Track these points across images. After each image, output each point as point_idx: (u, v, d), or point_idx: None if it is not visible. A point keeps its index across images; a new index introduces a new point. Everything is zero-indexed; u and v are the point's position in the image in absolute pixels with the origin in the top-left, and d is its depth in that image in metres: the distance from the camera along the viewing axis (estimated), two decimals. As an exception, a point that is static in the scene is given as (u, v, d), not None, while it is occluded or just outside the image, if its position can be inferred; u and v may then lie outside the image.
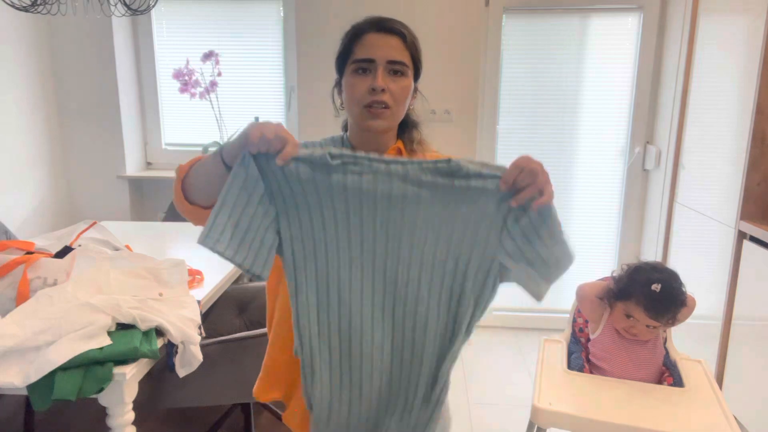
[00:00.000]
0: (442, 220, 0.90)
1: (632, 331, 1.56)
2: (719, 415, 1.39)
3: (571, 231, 3.27)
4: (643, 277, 1.54)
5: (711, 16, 2.56)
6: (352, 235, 0.92)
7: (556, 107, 3.13)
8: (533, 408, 1.42)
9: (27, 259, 1.55)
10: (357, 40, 1.10)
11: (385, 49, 1.08)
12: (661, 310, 1.51)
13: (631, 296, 1.54)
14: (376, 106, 1.07)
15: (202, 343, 1.57)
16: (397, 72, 1.09)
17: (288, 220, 0.92)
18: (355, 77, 1.09)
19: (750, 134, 2.19)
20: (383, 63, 1.08)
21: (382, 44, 1.08)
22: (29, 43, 3.00)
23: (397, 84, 1.09)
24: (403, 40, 1.10)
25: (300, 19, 2.91)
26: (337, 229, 0.92)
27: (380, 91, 1.06)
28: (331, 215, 0.91)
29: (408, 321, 0.95)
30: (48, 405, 1.26)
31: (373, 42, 1.09)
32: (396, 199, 0.89)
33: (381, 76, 1.07)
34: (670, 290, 1.51)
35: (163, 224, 2.73)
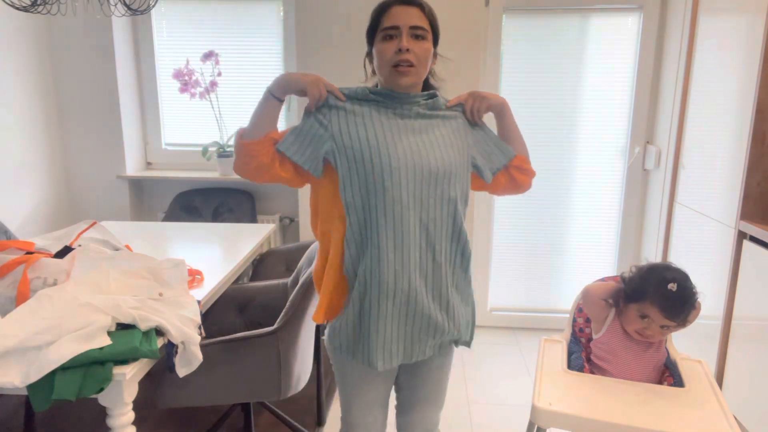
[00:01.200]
0: (436, 136, 1.36)
1: (646, 332, 1.55)
2: (719, 415, 1.39)
3: (571, 230, 3.27)
4: (657, 277, 1.53)
5: (711, 16, 2.56)
6: (388, 144, 1.30)
7: (556, 107, 3.13)
8: (533, 408, 1.42)
9: (27, 259, 1.55)
10: (384, 13, 1.32)
11: (407, 17, 1.30)
12: (676, 310, 1.51)
13: (645, 297, 1.53)
14: (403, 64, 1.29)
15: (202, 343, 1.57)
16: (418, 36, 1.31)
17: (341, 135, 1.31)
18: (384, 43, 1.31)
19: (750, 134, 2.19)
20: (406, 28, 1.29)
21: (405, 13, 1.30)
22: (29, 43, 3.00)
23: (420, 46, 1.31)
24: (422, 10, 1.33)
25: (300, 19, 2.91)
26: (376, 139, 1.30)
27: (405, 51, 1.28)
28: (372, 131, 1.31)
29: (430, 200, 1.32)
30: (48, 405, 1.26)
31: (397, 12, 1.31)
32: (410, 125, 1.35)
33: (405, 38, 1.29)
34: (684, 290, 1.51)
35: (163, 224, 2.73)
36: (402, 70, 1.30)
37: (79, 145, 3.27)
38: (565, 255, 3.31)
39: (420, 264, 1.30)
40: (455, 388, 2.68)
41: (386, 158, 1.27)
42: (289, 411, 2.43)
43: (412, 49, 1.29)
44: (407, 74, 1.30)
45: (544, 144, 3.17)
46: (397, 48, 1.29)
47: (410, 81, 1.32)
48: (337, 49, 2.91)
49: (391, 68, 1.30)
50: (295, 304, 1.73)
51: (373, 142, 1.28)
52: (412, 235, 1.28)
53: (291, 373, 1.76)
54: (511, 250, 3.33)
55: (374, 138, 1.29)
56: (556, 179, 3.21)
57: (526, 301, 3.38)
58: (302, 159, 1.31)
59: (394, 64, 1.29)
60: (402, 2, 1.32)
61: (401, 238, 1.27)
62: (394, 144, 1.29)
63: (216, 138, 3.34)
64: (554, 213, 3.26)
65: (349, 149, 1.28)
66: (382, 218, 1.26)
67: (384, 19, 1.32)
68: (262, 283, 2.28)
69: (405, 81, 1.31)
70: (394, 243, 1.27)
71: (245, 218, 3.22)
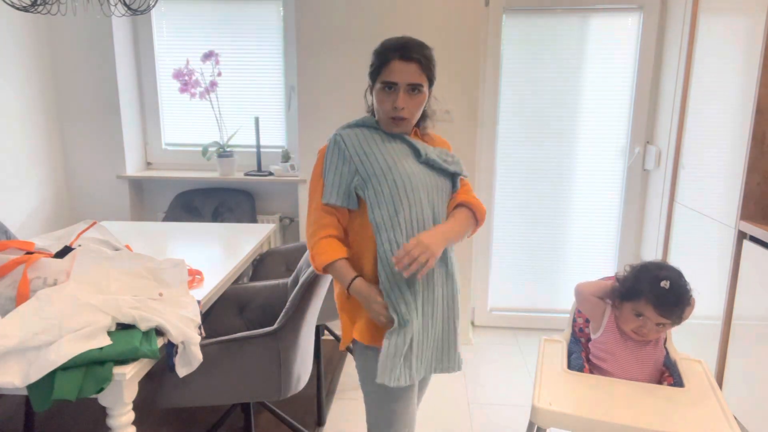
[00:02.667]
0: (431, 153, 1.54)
1: (642, 331, 1.56)
2: (719, 415, 1.39)
3: (571, 231, 3.27)
4: (650, 275, 1.55)
5: (711, 16, 2.56)
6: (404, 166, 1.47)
7: (556, 107, 3.13)
8: (533, 408, 1.42)
9: (27, 259, 1.55)
10: (384, 65, 1.42)
11: (406, 74, 1.41)
12: (670, 308, 1.52)
13: (640, 295, 1.55)
14: (398, 118, 1.45)
15: (202, 343, 1.57)
16: (414, 90, 1.43)
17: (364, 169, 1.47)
18: (383, 94, 1.44)
19: (750, 134, 2.19)
20: (404, 85, 1.42)
21: (404, 71, 1.40)
22: (29, 43, 3.00)
23: (414, 100, 1.45)
24: (420, 66, 1.42)
25: (300, 19, 2.91)
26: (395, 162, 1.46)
27: (401, 109, 1.43)
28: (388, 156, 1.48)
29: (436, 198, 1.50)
30: (48, 405, 1.26)
31: (396, 68, 1.41)
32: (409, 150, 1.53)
33: (402, 97, 1.42)
34: (678, 287, 1.53)
35: (163, 224, 2.73)
36: (396, 122, 1.46)
37: (79, 145, 3.27)
38: (565, 255, 3.31)
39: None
40: (455, 388, 2.68)
41: (406, 178, 1.43)
42: (289, 411, 2.43)
43: (407, 105, 1.43)
44: (400, 125, 1.47)
45: (544, 144, 3.17)
46: (393, 104, 1.43)
47: (403, 130, 1.49)
48: (337, 49, 2.91)
49: (388, 117, 1.46)
50: (295, 304, 1.73)
51: (390, 162, 1.44)
52: None
53: (291, 373, 1.76)
54: (511, 250, 3.33)
55: (392, 159, 1.45)
56: (556, 179, 3.21)
57: (526, 301, 3.38)
58: (341, 201, 1.47)
59: (391, 116, 1.45)
60: (402, 58, 1.40)
61: None
62: (409, 165, 1.46)
63: (216, 138, 3.34)
64: (554, 213, 3.26)
65: (373, 177, 1.44)
66: (408, 232, 1.43)
67: (384, 71, 1.42)
68: (262, 283, 2.28)
69: (398, 130, 1.48)
70: None
71: (245, 218, 3.22)
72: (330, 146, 1.49)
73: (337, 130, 1.53)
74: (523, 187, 3.24)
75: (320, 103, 2.98)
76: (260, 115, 3.29)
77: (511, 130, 3.17)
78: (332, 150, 1.48)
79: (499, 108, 3.14)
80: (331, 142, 1.50)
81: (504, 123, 3.17)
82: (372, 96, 1.50)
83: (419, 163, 1.48)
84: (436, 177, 1.49)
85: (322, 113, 3.00)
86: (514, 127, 3.17)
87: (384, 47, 1.44)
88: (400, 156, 1.46)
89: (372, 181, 1.44)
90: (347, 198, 1.46)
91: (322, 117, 3.00)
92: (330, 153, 1.48)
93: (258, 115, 3.26)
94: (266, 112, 3.33)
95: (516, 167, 3.22)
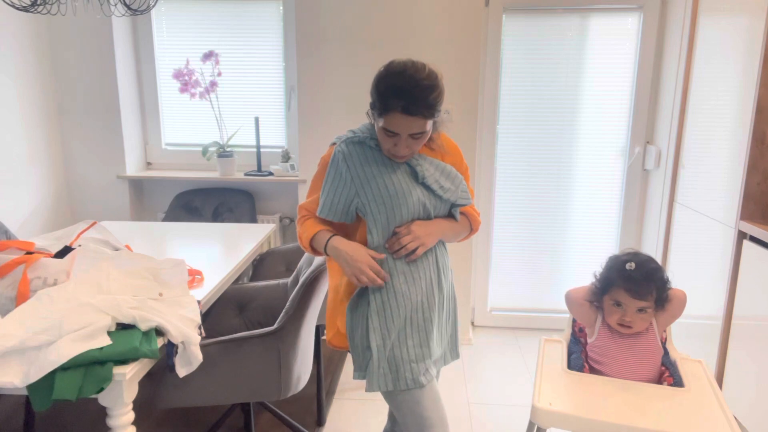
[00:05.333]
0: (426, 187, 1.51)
1: (625, 320, 1.57)
2: (719, 415, 1.39)
3: (571, 230, 3.27)
4: (617, 262, 1.60)
5: (711, 16, 2.56)
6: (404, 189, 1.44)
7: (556, 107, 3.13)
8: (533, 408, 1.42)
9: (27, 259, 1.55)
10: (386, 113, 1.32)
11: (408, 127, 1.33)
12: (641, 287, 1.55)
13: (612, 283, 1.59)
14: (398, 156, 1.41)
15: (202, 343, 1.57)
16: (417, 135, 1.36)
17: (363, 187, 1.45)
18: (383, 134, 1.37)
19: (750, 134, 2.19)
20: (405, 135, 1.35)
21: (406, 124, 1.32)
22: (29, 43, 3.00)
23: (417, 142, 1.38)
24: (424, 119, 1.32)
25: (300, 19, 2.91)
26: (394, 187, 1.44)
27: (401, 156, 1.40)
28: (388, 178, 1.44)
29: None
30: (48, 405, 1.26)
31: (399, 122, 1.32)
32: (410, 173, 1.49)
33: (403, 145, 1.36)
34: (644, 266, 1.56)
35: (163, 224, 2.73)
36: (397, 159, 1.43)
37: (79, 145, 3.27)
38: (565, 255, 3.31)
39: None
40: (455, 388, 2.68)
41: (404, 206, 1.42)
42: (289, 411, 2.43)
43: (409, 148, 1.38)
44: (400, 161, 1.44)
45: (544, 144, 3.17)
46: (393, 150, 1.39)
47: (404, 161, 1.44)
48: (337, 49, 2.91)
49: (387, 153, 1.42)
50: (294, 304, 1.73)
51: (392, 190, 1.42)
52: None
53: (291, 373, 1.76)
54: (511, 250, 3.33)
55: (392, 186, 1.42)
56: (556, 179, 3.21)
57: (526, 301, 3.38)
58: (338, 217, 1.47)
59: (390, 154, 1.42)
60: (405, 111, 1.30)
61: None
62: (408, 188, 1.42)
63: (216, 138, 3.34)
64: (554, 213, 3.26)
65: (373, 203, 1.42)
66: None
67: (385, 119, 1.33)
68: (262, 283, 2.28)
69: (399, 160, 1.44)
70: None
71: (245, 218, 3.22)
72: (332, 162, 1.46)
73: (340, 143, 1.48)
74: (523, 187, 3.24)
75: (320, 103, 2.98)
76: (260, 115, 3.29)
77: (511, 130, 3.17)
78: (334, 168, 1.45)
79: (499, 108, 3.14)
80: (333, 157, 1.47)
81: (504, 123, 3.17)
82: (374, 117, 1.42)
83: (418, 184, 1.45)
84: (434, 199, 1.47)
85: (322, 113, 3.00)
86: (514, 127, 3.17)
87: (387, 91, 1.32)
88: (401, 179, 1.43)
89: (371, 206, 1.43)
90: (345, 215, 1.46)
91: (322, 117, 3.00)
92: (332, 170, 1.46)
93: (258, 115, 3.26)
94: (266, 112, 3.33)
95: (516, 167, 3.22)
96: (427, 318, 1.48)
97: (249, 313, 2.18)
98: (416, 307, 1.47)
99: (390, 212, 1.42)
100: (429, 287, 1.49)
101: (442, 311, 1.55)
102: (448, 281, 1.60)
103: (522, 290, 3.37)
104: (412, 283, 1.46)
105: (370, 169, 1.43)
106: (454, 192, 1.50)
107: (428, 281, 1.49)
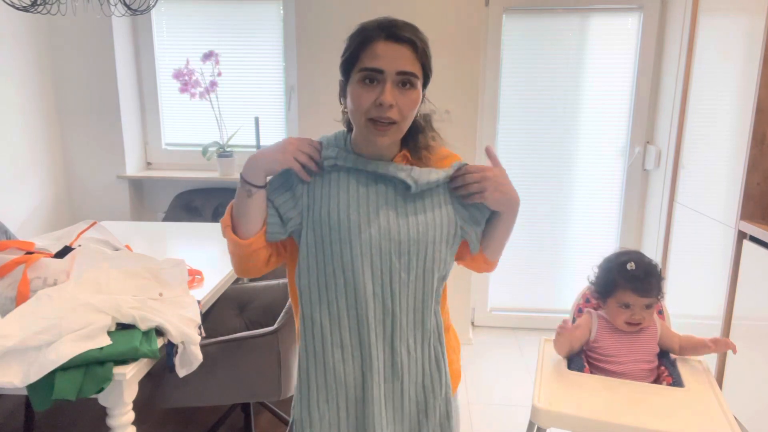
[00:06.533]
0: (413, 209, 1.12)
1: (635, 318, 1.58)
2: (719, 415, 1.39)
3: (571, 231, 3.27)
4: (615, 264, 1.61)
5: (711, 16, 2.56)
6: (356, 219, 1.09)
7: (556, 107, 3.13)
8: (533, 408, 1.42)
9: (27, 259, 1.55)
10: (365, 47, 1.05)
11: (394, 59, 1.03)
12: (646, 285, 1.56)
13: (616, 286, 1.59)
14: (383, 121, 1.04)
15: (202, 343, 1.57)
16: (406, 83, 1.05)
17: (308, 210, 1.12)
18: (362, 87, 1.04)
19: (750, 134, 2.19)
20: (392, 74, 1.03)
21: (392, 54, 1.03)
22: (29, 43, 3.00)
23: (406, 97, 1.05)
24: (414, 49, 1.05)
25: (300, 19, 2.90)
26: (346, 214, 1.09)
27: (388, 107, 1.03)
28: (344, 206, 1.09)
29: (394, 285, 1.10)
30: (48, 405, 1.26)
31: (382, 51, 1.03)
32: (383, 197, 1.11)
33: (389, 89, 1.03)
34: (643, 264, 1.59)
35: (163, 224, 2.73)
36: (380, 129, 1.05)
37: (79, 145, 3.27)
38: (565, 255, 3.31)
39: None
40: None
41: (356, 241, 1.07)
42: (289, 411, 2.43)
43: (396, 102, 1.04)
44: (385, 133, 1.06)
45: (545, 144, 3.17)
46: (377, 101, 1.03)
47: (389, 140, 1.08)
48: (337, 49, 2.91)
49: (366, 121, 1.05)
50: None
51: (344, 224, 1.07)
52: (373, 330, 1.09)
53: (291, 373, 1.76)
54: (511, 249, 3.33)
55: (345, 218, 1.07)
56: (556, 179, 3.21)
57: (526, 301, 3.38)
58: (284, 231, 1.13)
59: (372, 118, 1.04)
60: (389, 37, 1.04)
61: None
62: (368, 222, 1.07)
63: (216, 138, 3.33)
64: (554, 213, 3.26)
65: (311, 231, 1.09)
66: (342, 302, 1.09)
67: (365, 55, 1.04)
68: (262, 283, 2.28)
69: (382, 141, 1.07)
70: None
71: (245, 218, 3.21)
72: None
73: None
74: (522, 186, 3.24)
75: (320, 103, 2.98)
76: (260, 115, 3.28)
77: (511, 130, 3.17)
78: (284, 174, 1.12)
79: (499, 108, 3.14)
80: None
81: (504, 123, 3.17)
82: (346, 98, 1.10)
83: (405, 214, 1.09)
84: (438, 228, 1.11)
85: (322, 113, 3.00)
86: (513, 127, 3.17)
87: (363, 26, 1.08)
88: (373, 205, 1.09)
89: (306, 233, 1.10)
90: (281, 228, 1.12)
91: (322, 117, 3.00)
92: (279, 175, 1.12)
93: (258, 115, 3.26)
94: (266, 112, 3.33)
95: (516, 167, 3.21)
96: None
97: (249, 313, 2.18)
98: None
99: (326, 248, 1.08)
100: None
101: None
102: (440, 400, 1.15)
103: (522, 290, 3.37)
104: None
105: (328, 187, 1.11)
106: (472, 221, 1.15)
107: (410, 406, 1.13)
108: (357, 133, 1.13)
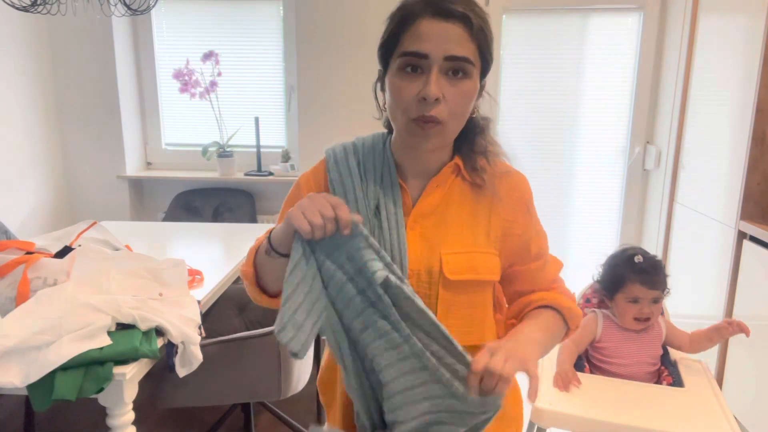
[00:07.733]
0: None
1: (644, 312, 1.58)
2: (719, 415, 1.39)
3: (571, 231, 3.27)
4: (623, 259, 1.62)
5: (711, 16, 2.56)
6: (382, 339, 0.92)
7: (556, 107, 3.13)
8: (533, 408, 1.42)
9: (27, 259, 1.55)
10: (407, 26, 0.85)
11: (442, 40, 0.83)
12: (655, 277, 1.58)
13: (624, 281, 1.59)
14: (425, 121, 0.84)
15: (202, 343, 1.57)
16: (457, 72, 0.85)
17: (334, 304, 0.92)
18: (403, 78, 0.85)
19: (750, 134, 2.19)
20: (439, 60, 0.83)
21: (439, 34, 0.83)
22: (29, 43, 3.00)
23: (457, 88, 0.85)
24: (467, 27, 0.84)
25: (300, 19, 2.91)
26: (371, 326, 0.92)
27: (433, 102, 0.83)
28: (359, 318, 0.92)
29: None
30: (48, 405, 1.26)
31: (427, 31, 0.83)
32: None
33: (435, 79, 0.83)
34: (648, 256, 1.61)
35: (163, 224, 2.73)
36: (426, 129, 0.85)
37: (79, 145, 3.27)
38: (565, 254, 3.31)
39: None
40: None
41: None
42: (289, 411, 2.43)
43: (444, 96, 0.84)
44: (431, 135, 0.86)
45: (544, 144, 3.17)
46: (421, 95, 0.83)
47: (434, 145, 0.88)
48: (337, 49, 2.91)
49: (409, 120, 0.86)
50: (295, 304, 1.73)
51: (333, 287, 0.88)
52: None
53: (291, 373, 1.76)
54: (511, 250, 3.33)
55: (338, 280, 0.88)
56: (556, 179, 3.21)
57: (526, 301, 3.38)
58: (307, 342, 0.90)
59: (415, 118, 0.85)
60: (437, 12, 0.83)
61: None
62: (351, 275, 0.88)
63: (216, 138, 3.34)
64: (554, 212, 3.26)
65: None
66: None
67: (406, 37, 0.85)
68: (262, 283, 2.27)
69: (426, 146, 0.88)
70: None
71: (245, 218, 3.21)
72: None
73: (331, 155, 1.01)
74: (523, 187, 3.24)
75: (320, 103, 2.98)
76: (260, 115, 3.28)
77: (511, 130, 3.17)
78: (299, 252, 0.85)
79: (499, 108, 3.14)
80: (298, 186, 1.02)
81: (503, 123, 3.17)
82: (384, 91, 0.91)
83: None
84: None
85: (322, 113, 3.00)
86: (513, 127, 3.17)
87: (405, 1, 0.87)
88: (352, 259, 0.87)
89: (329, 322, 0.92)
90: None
91: (322, 117, 3.00)
92: (296, 253, 0.85)
93: (258, 115, 3.26)
94: (266, 112, 3.33)
95: (515, 167, 3.21)
96: None
97: (249, 313, 2.18)
98: None
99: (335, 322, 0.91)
100: None
101: None
102: None
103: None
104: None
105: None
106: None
107: None
108: (397, 137, 0.94)
